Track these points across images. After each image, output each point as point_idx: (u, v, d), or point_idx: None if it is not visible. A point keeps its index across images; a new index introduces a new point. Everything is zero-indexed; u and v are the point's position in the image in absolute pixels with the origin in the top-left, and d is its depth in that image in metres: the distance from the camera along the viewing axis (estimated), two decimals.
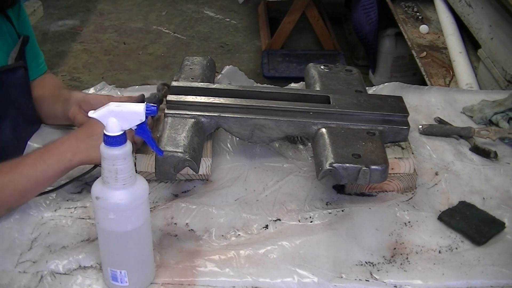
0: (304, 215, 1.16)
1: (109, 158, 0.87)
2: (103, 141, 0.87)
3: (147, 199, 0.94)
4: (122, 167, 0.87)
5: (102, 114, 0.87)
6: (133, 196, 0.90)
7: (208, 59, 1.48)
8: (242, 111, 1.25)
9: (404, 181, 1.22)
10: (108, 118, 0.86)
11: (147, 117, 0.89)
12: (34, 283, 1.00)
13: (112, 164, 0.87)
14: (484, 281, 1.02)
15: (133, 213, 0.91)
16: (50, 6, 4.44)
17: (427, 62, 2.48)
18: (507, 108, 1.46)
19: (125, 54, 3.87)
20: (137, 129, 0.90)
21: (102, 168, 0.88)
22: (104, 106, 0.87)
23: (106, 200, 0.89)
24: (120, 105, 0.87)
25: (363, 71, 3.22)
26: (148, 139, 0.93)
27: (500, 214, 1.16)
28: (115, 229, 0.92)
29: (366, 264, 1.05)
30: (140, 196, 0.91)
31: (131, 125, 0.88)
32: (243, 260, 1.04)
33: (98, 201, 0.90)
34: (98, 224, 0.93)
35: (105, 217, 0.91)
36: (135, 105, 0.88)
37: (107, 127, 0.86)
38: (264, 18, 4.14)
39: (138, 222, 0.93)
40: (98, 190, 0.90)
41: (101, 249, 0.96)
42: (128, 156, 0.88)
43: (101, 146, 0.87)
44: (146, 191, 0.93)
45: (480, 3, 2.32)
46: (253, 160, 1.31)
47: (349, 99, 1.30)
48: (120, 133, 0.86)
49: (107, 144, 0.86)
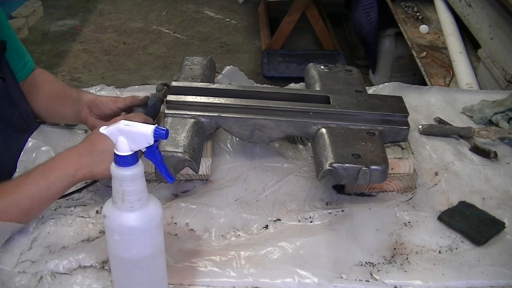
0: (304, 215, 1.16)
1: (116, 178, 0.81)
2: (113, 159, 0.82)
3: (158, 225, 0.87)
4: (130, 189, 0.82)
5: (111, 132, 0.81)
6: (139, 220, 0.84)
7: (208, 59, 1.48)
8: (242, 111, 1.25)
9: (404, 181, 1.22)
10: (118, 136, 0.81)
11: (156, 140, 0.83)
12: (33, 283, 1.00)
13: (119, 184, 0.81)
14: (484, 281, 1.02)
15: (138, 238, 0.85)
16: (50, 6, 4.44)
17: (427, 62, 2.48)
18: (507, 108, 1.46)
19: (125, 54, 3.87)
20: (146, 151, 0.84)
21: (112, 186, 0.84)
22: (114, 124, 0.82)
23: (112, 220, 0.84)
24: (130, 124, 0.81)
25: (363, 71, 3.23)
26: (158, 164, 0.86)
27: (500, 214, 1.16)
28: (120, 254, 0.86)
29: (366, 265, 1.05)
30: (148, 221, 0.85)
31: (139, 147, 0.82)
32: (243, 261, 1.04)
33: (105, 219, 0.85)
34: (107, 243, 0.88)
35: (111, 238, 0.86)
36: (144, 126, 0.82)
37: (116, 146, 0.81)
38: (264, 18, 4.14)
39: (145, 250, 0.86)
40: (107, 209, 0.85)
41: (111, 270, 0.92)
42: (137, 178, 0.82)
43: (112, 163, 0.82)
44: (157, 216, 0.86)
45: (480, 3, 2.32)
46: (253, 160, 1.31)
47: (349, 99, 1.30)
48: (129, 153, 0.81)
49: (115, 163, 0.81)
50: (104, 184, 1.23)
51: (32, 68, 1.40)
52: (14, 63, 1.31)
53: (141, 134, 0.81)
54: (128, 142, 0.81)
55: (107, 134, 0.82)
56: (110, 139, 0.82)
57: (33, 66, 1.41)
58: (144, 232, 0.85)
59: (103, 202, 1.18)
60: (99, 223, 1.13)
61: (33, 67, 1.41)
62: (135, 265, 0.87)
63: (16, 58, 1.33)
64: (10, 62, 1.30)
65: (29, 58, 1.40)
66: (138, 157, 0.82)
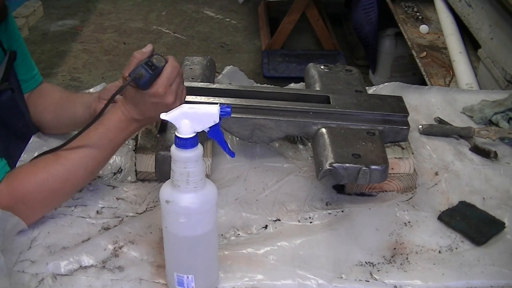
0: (304, 215, 1.16)
1: (180, 161, 0.85)
2: (174, 143, 0.85)
3: (216, 203, 0.92)
4: (194, 170, 0.86)
5: (174, 116, 0.85)
6: (204, 200, 0.88)
7: (208, 59, 1.49)
8: (242, 111, 1.25)
9: (404, 181, 1.22)
10: (181, 120, 0.84)
11: (221, 119, 0.87)
12: (34, 283, 1.00)
13: (184, 167, 0.85)
14: (484, 281, 1.02)
15: (203, 217, 0.90)
16: (50, 6, 4.43)
17: (427, 62, 2.48)
18: (507, 108, 1.46)
19: (125, 54, 3.87)
20: (209, 131, 0.88)
21: (172, 171, 0.87)
22: (177, 108, 0.85)
23: (176, 203, 0.87)
24: (194, 106, 0.85)
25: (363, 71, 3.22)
26: (221, 141, 0.91)
27: (500, 214, 1.16)
28: (185, 234, 0.90)
29: (366, 265, 1.05)
30: (210, 199, 0.90)
31: (204, 127, 0.87)
32: (243, 261, 1.04)
33: (168, 205, 0.88)
34: (167, 228, 0.91)
35: (175, 221, 0.89)
36: (209, 106, 0.87)
37: (179, 129, 0.85)
38: (264, 18, 4.13)
39: (208, 226, 0.91)
40: (168, 194, 0.88)
41: (167, 254, 0.95)
42: (199, 158, 0.86)
43: (172, 148, 0.86)
44: (216, 194, 0.91)
45: (480, 3, 2.32)
46: (253, 160, 1.31)
47: (349, 99, 1.30)
48: (192, 135, 0.85)
49: (178, 146, 0.85)
50: (104, 183, 1.23)
51: (39, 81, 1.40)
52: (21, 74, 1.32)
53: (207, 114, 0.86)
54: (192, 124, 0.85)
55: (170, 119, 0.85)
56: (173, 123, 0.85)
57: (41, 79, 1.41)
58: (208, 210, 0.90)
59: (103, 202, 1.18)
60: (99, 223, 1.13)
61: (41, 80, 1.41)
62: (199, 242, 0.91)
63: (24, 70, 1.34)
64: (17, 73, 1.30)
65: (37, 71, 1.40)
66: (198, 138, 0.86)
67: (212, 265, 0.98)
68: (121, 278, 1.01)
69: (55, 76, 3.55)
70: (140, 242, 1.08)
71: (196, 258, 0.93)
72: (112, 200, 1.19)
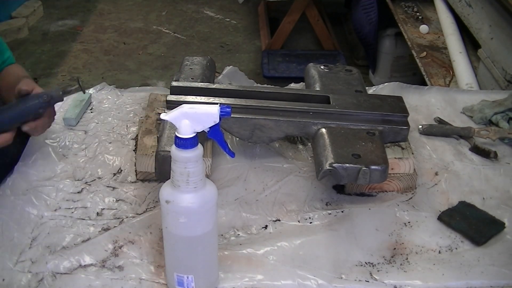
0: (303, 215, 1.16)
1: (180, 161, 0.85)
2: (174, 143, 0.86)
3: (216, 203, 0.92)
4: (194, 170, 0.86)
5: (174, 117, 0.85)
6: (204, 200, 0.89)
7: (208, 59, 1.49)
8: (242, 111, 1.25)
9: (404, 181, 1.22)
10: (181, 120, 0.85)
11: (221, 119, 0.87)
12: (34, 283, 1.00)
13: (184, 167, 0.85)
14: (484, 281, 1.02)
15: (203, 217, 0.90)
16: (50, 6, 4.44)
17: (427, 62, 2.48)
18: (507, 108, 1.46)
19: (125, 54, 3.86)
20: (209, 131, 0.88)
21: (173, 171, 0.87)
22: (177, 108, 0.85)
23: (177, 203, 0.88)
24: (194, 106, 0.86)
25: (363, 71, 3.23)
26: (221, 141, 0.92)
27: (500, 214, 1.16)
28: (185, 234, 0.90)
29: (366, 265, 1.05)
30: (210, 199, 0.90)
31: (204, 127, 0.87)
32: (243, 261, 1.04)
33: (168, 205, 0.88)
34: (167, 228, 0.91)
35: (175, 221, 0.89)
36: (209, 106, 0.87)
37: (179, 129, 0.85)
38: (264, 18, 4.13)
39: (208, 226, 0.91)
40: (168, 194, 0.88)
41: (167, 254, 0.95)
42: (199, 158, 0.86)
43: (172, 148, 0.86)
44: (216, 194, 0.91)
45: (480, 3, 2.32)
46: (253, 160, 1.31)
47: (349, 99, 1.30)
48: (192, 135, 0.85)
49: (179, 146, 0.85)
50: (104, 185, 1.23)
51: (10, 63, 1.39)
52: None
53: (207, 114, 0.86)
54: (192, 124, 0.85)
55: (170, 119, 0.85)
56: (173, 123, 0.85)
57: (12, 62, 1.40)
58: (208, 210, 0.90)
59: (103, 203, 1.18)
60: (100, 225, 1.13)
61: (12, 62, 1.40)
62: (199, 242, 0.92)
63: None
64: None
65: (9, 55, 1.40)
66: (198, 138, 0.86)
67: (212, 265, 0.98)
68: (121, 277, 1.01)
69: (55, 76, 3.54)
70: (140, 242, 1.08)
71: (196, 258, 0.93)
72: (112, 201, 1.19)
